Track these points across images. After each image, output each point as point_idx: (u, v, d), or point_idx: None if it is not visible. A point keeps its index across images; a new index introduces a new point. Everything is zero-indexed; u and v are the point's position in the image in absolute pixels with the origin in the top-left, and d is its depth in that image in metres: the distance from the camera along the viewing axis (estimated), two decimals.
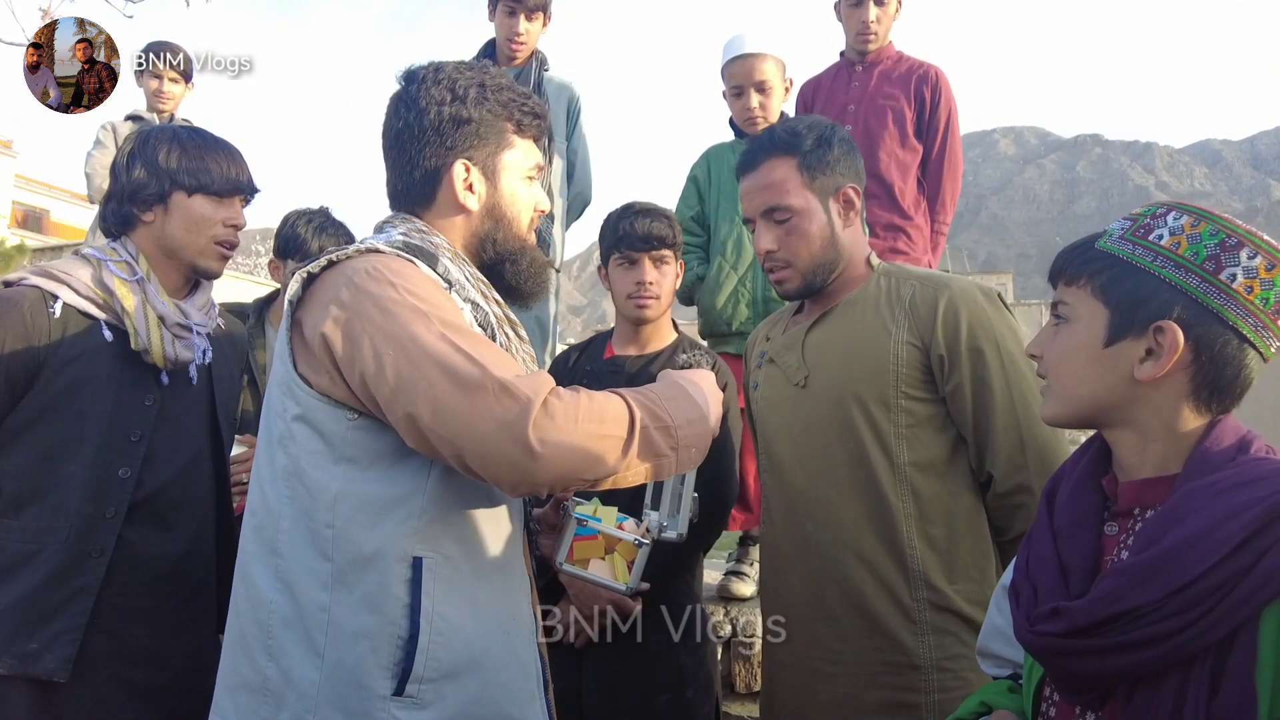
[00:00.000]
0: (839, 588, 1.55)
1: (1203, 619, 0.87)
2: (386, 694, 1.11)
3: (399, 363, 1.10)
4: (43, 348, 1.56)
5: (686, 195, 2.82)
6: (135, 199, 1.66)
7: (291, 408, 1.18)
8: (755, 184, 1.63)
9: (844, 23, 2.94)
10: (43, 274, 1.62)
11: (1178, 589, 0.88)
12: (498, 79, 1.33)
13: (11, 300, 1.58)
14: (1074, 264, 1.05)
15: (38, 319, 1.57)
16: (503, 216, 1.34)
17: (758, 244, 1.64)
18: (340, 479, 1.15)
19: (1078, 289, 1.04)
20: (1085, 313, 1.03)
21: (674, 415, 1.19)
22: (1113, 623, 0.92)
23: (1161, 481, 1.00)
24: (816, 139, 1.61)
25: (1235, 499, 0.90)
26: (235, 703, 1.17)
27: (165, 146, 1.65)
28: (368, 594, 1.13)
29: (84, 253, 1.69)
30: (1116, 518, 1.04)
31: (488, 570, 1.22)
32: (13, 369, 1.55)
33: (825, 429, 1.59)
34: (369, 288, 1.14)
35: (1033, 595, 1.03)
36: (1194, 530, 0.89)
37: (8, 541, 1.54)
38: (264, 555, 1.18)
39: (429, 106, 1.28)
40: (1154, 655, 0.90)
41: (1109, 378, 1.01)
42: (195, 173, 1.65)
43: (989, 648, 1.23)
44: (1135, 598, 0.90)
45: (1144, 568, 0.91)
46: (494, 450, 1.07)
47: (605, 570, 1.44)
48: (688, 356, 1.45)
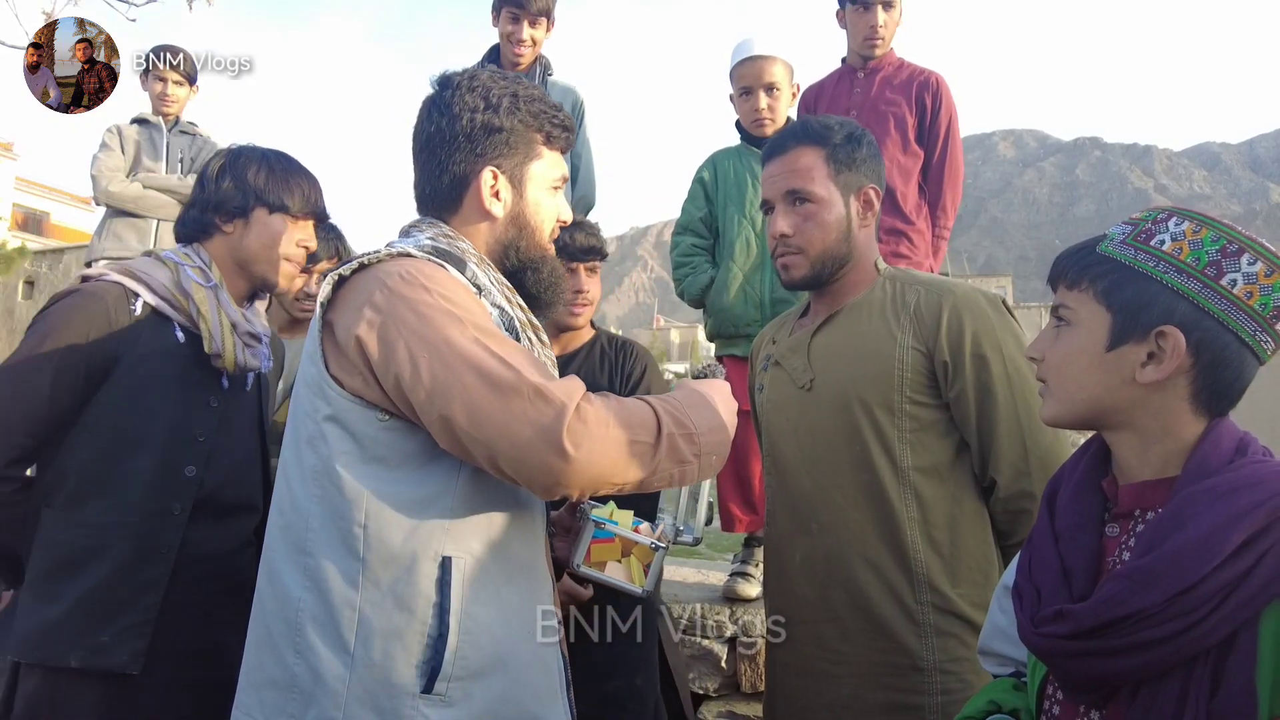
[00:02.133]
0: (844, 590, 1.56)
1: (1205, 621, 0.89)
2: (415, 692, 1.12)
3: (434, 366, 1.11)
4: (121, 343, 1.60)
5: (694, 197, 2.82)
6: (219, 209, 1.72)
7: (322, 408, 1.19)
8: (781, 168, 1.64)
9: (849, 28, 2.93)
10: (124, 272, 1.66)
11: (1180, 592, 0.90)
12: (530, 90, 1.34)
13: (96, 294, 1.62)
14: (1075, 268, 1.06)
15: (119, 315, 1.61)
16: (526, 225, 1.35)
17: (773, 226, 1.64)
18: (371, 479, 1.16)
19: (1079, 293, 1.05)
20: (1087, 316, 1.04)
21: (697, 422, 1.21)
22: (1116, 625, 0.93)
23: (1162, 484, 1.01)
24: (847, 135, 1.63)
25: (1235, 502, 0.91)
26: (261, 700, 1.18)
27: (255, 165, 1.73)
28: (398, 592, 1.14)
29: (161, 255, 1.73)
30: (1117, 519, 1.05)
31: (514, 570, 1.23)
32: (93, 361, 1.58)
33: (830, 432, 1.60)
34: (403, 291, 1.15)
35: (1036, 597, 1.04)
36: (1195, 534, 0.91)
37: (72, 536, 1.56)
38: (292, 554, 1.18)
39: (462, 113, 1.29)
40: (1157, 657, 0.91)
41: (1111, 381, 1.02)
42: (279, 192, 1.73)
43: (991, 647, 1.24)
44: (1138, 601, 0.91)
45: (1147, 571, 0.92)
46: (528, 454, 1.09)
47: (622, 573, 1.45)
48: (703, 366, 1.47)
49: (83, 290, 1.63)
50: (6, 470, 1.58)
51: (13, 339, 19.13)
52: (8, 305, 19.45)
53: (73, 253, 19.19)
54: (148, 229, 3.68)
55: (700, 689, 2.46)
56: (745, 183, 2.70)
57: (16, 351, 1.61)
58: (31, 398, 1.55)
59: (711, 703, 2.48)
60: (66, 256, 19.22)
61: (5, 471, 1.58)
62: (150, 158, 3.74)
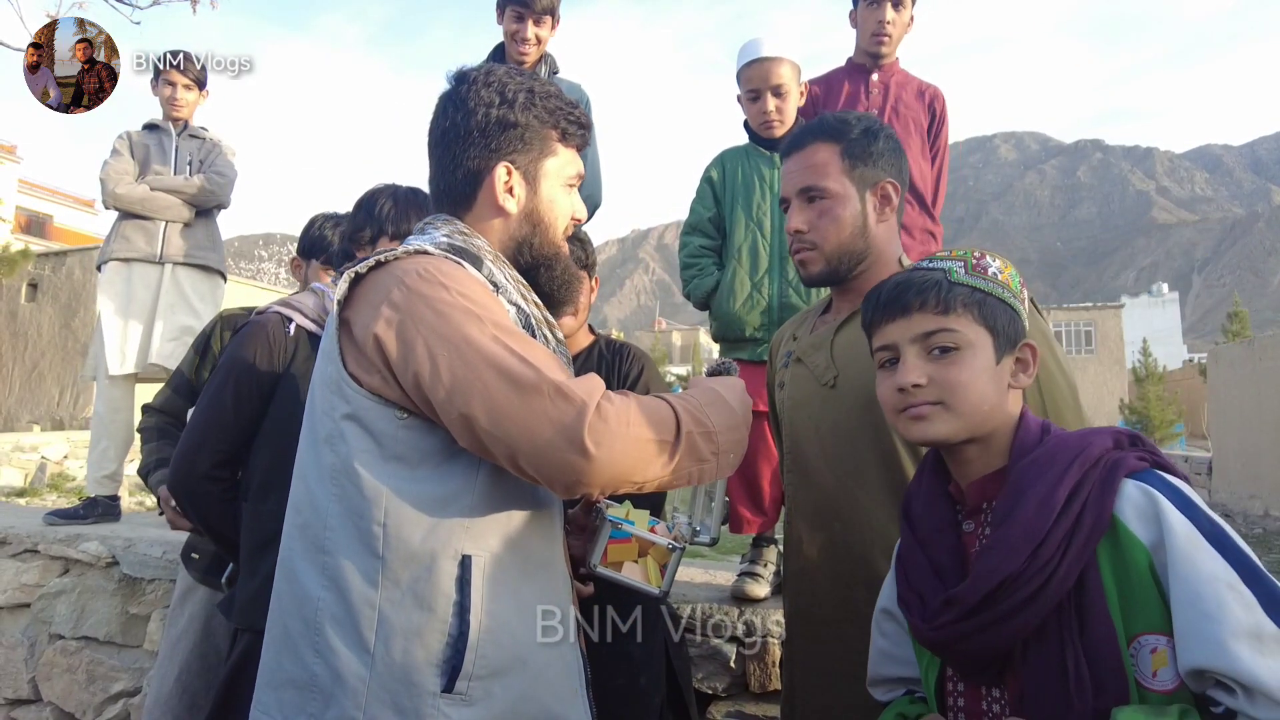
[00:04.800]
0: (867, 589, 1.53)
1: (1059, 569, 1.05)
2: (436, 691, 1.12)
3: (454, 364, 1.11)
4: (281, 360, 1.97)
5: (702, 197, 2.81)
6: (353, 239, 2.02)
7: (341, 406, 1.18)
8: (797, 164, 1.64)
9: (860, 25, 2.93)
10: (282, 304, 2.07)
11: (1033, 551, 1.06)
12: (546, 87, 1.34)
13: (260, 324, 2.00)
14: (944, 296, 1.19)
15: (278, 337, 1.98)
16: (540, 221, 1.34)
17: (789, 223, 1.64)
18: (390, 477, 1.15)
19: (957, 317, 1.19)
20: (975, 337, 1.18)
21: (715, 420, 1.21)
22: (996, 595, 1.07)
23: (997, 474, 1.18)
24: (863, 130, 1.63)
25: (1055, 467, 1.10)
26: (280, 699, 1.17)
27: (383, 199, 2.02)
28: (418, 591, 1.13)
29: (313, 287, 2.16)
30: (970, 516, 1.21)
31: (533, 569, 1.23)
32: (263, 378, 1.95)
33: (855, 430, 1.58)
34: (421, 289, 1.15)
35: (920, 601, 1.17)
36: (1034, 498, 1.08)
37: (261, 523, 1.88)
38: (310, 553, 1.18)
39: (477, 108, 1.29)
40: (1032, 614, 1.06)
41: (1000, 390, 1.19)
42: (397, 221, 1.99)
43: (880, 674, 1.34)
44: (1007, 566, 1.06)
45: (1005, 540, 1.08)
46: (549, 452, 1.09)
47: (638, 573, 1.44)
48: (717, 364, 1.46)
49: (251, 322, 2.02)
50: (213, 471, 1.94)
51: (15, 341, 19.14)
52: (11, 308, 19.47)
53: (75, 255, 19.21)
54: (155, 231, 3.69)
55: (708, 689, 2.46)
56: (753, 185, 2.69)
57: (212, 378, 2.02)
58: (220, 413, 1.93)
59: (720, 703, 2.48)
60: (69, 259, 19.23)
61: (212, 473, 1.94)
62: (158, 161, 3.76)
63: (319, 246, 2.45)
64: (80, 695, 3.14)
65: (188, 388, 2.57)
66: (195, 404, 2.06)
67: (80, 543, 3.28)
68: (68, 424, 17.40)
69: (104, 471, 3.62)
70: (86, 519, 3.52)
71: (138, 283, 3.67)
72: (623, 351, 2.12)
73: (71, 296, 18.56)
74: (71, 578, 3.30)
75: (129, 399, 3.69)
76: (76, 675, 3.17)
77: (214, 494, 1.95)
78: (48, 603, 3.30)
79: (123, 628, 3.17)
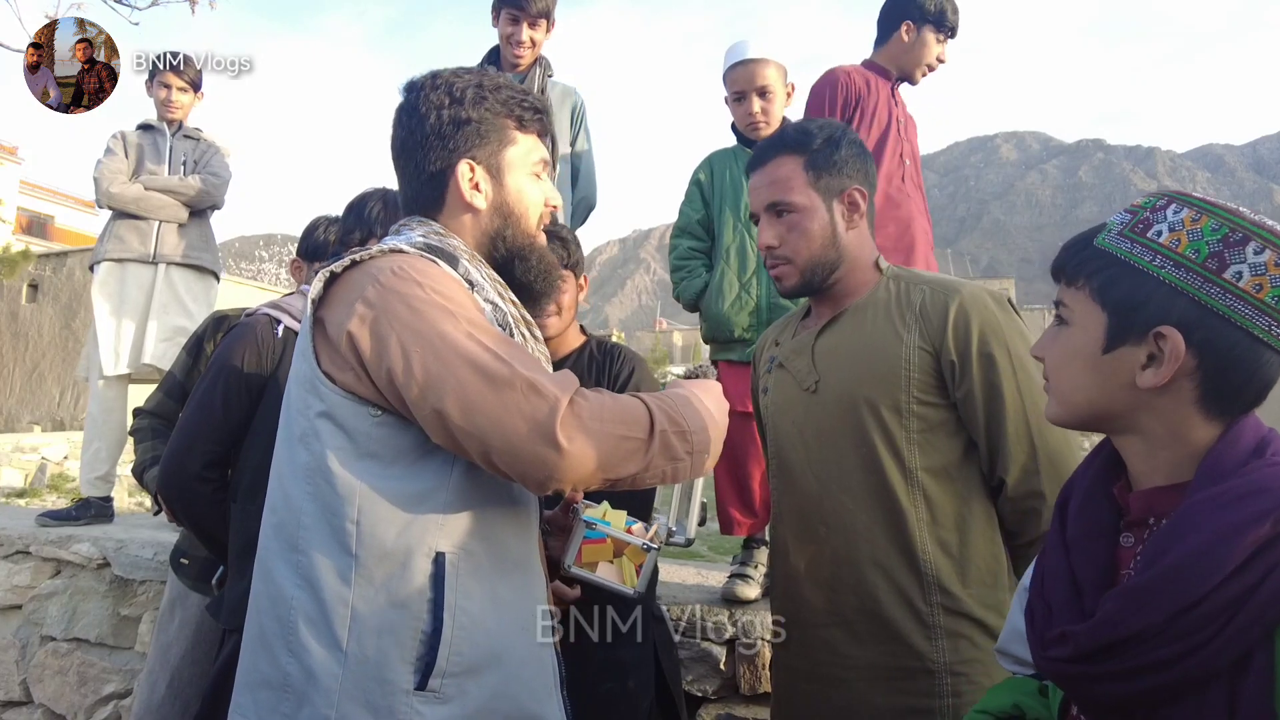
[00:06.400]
0: (853, 593, 1.54)
1: (1212, 641, 0.82)
2: (409, 688, 1.11)
3: (427, 360, 1.11)
4: (270, 362, 1.98)
5: (691, 199, 2.81)
6: (344, 241, 2.05)
7: (315, 404, 1.18)
8: (762, 180, 1.65)
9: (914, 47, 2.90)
10: (272, 306, 2.08)
11: (1181, 610, 0.83)
12: (495, 79, 1.34)
13: (249, 325, 2.02)
14: (1072, 263, 1.00)
15: (266, 338, 2.00)
16: (511, 213, 1.34)
17: (760, 239, 1.65)
18: (364, 474, 1.15)
19: (1076, 290, 0.99)
20: (1083, 316, 0.97)
21: (689, 420, 1.21)
22: (1116, 648, 0.87)
23: (1174, 490, 0.93)
24: (825, 139, 1.62)
25: (1240, 511, 0.83)
26: (255, 700, 1.17)
27: (373, 202, 2.05)
28: (391, 589, 1.13)
29: (302, 289, 2.17)
30: (1131, 528, 0.97)
31: (508, 566, 1.22)
32: (252, 379, 1.97)
33: (837, 434, 1.58)
34: (396, 286, 1.15)
35: (1046, 613, 0.98)
36: (1196, 547, 0.83)
37: (250, 522, 1.81)
38: (284, 552, 1.18)
39: (429, 112, 1.29)
40: (1163, 680, 0.85)
41: (1109, 384, 0.95)
42: (387, 224, 1.98)
43: (1009, 649, 1.17)
44: (1137, 621, 0.85)
45: (1145, 589, 0.85)
46: (522, 447, 1.09)
47: (613, 574, 1.44)
48: (695, 367, 1.46)
49: (240, 324, 2.04)
50: (203, 472, 1.95)
51: (16, 342, 19.17)
52: (12, 308, 19.49)
53: (76, 256, 19.23)
54: (149, 230, 3.69)
55: (699, 691, 2.45)
56: (740, 186, 2.69)
57: (201, 379, 2.03)
58: (210, 414, 1.95)
59: (710, 705, 2.47)
60: (70, 260, 19.25)
61: (202, 473, 1.95)
62: (153, 161, 3.76)
63: (321, 250, 2.45)
64: (72, 697, 3.14)
65: (180, 390, 2.56)
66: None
67: (72, 544, 3.28)
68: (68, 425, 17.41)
69: (97, 473, 3.61)
70: (79, 520, 3.52)
71: (131, 283, 3.67)
72: (613, 353, 2.11)
73: (72, 297, 18.58)
74: (63, 579, 3.30)
75: (122, 400, 3.68)
76: (68, 677, 3.17)
77: (204, 495, 1.96)
78: (39, 604, 3.30)
79: (114, 629, 3.17)
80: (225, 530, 1.98)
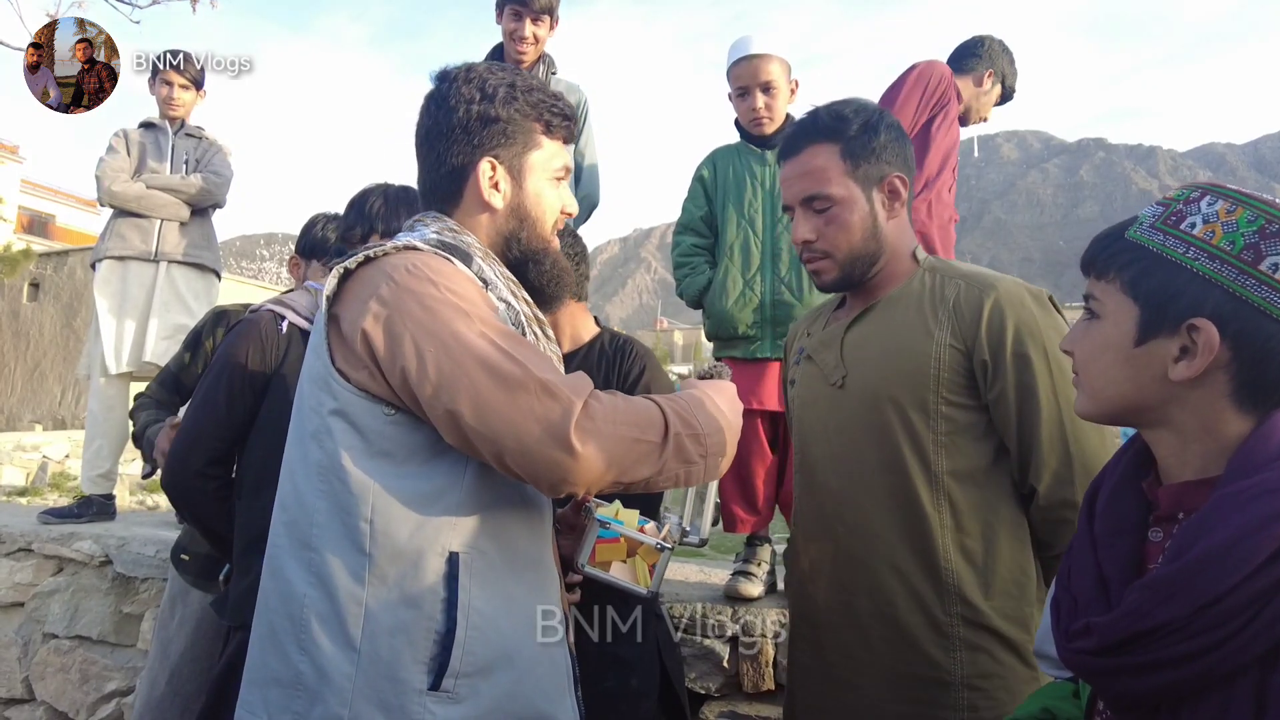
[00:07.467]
0: (868, 597, 1.49)
1: (1237, 635, 0.81)
2: (422, 688, 1.11)
3: (441, 360, 1.10)
4: (274, 358, 1.98)
5: (694, 195, 2.80)
6: (345, 237, 2.05)
7: (328, 402, 1.18)
8: (795, 171, 1.54)
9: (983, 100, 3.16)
10: (275, 302, 2.07)
11: (1206, 604, 0.82)
12: (529, 80, 1.33)
13: (252, 322, 2.01)
14: (1103, 256, 0.98)
15: (270, 335, 1.98)
16: (527, 216, 1.33)
17: (795, 233, 1.56)
18: (377, 473, 1.15)
19: (1106, 283, 0.97)
20: (1114, 309, 0.96)
21: (703, 423, 1.20)
22: (1139, 640, 0.86)
23: (1204, 484, 0.92)
24: (862, 125, 1.51)
25: (1269, 505, 0.82)
26: (265, 698, 1.16)
27: (374, 198, 2.04)
28: (404, 588, 1.13)
29: (307, 285, 2.16)
30: (1160, 523, 0.97)
31: (521, 566, 1.22)
32: (255, 376, 1.95)
33: (859, 432, 1.52)
34: (410, 285, 1.14)
35: (1072, 607, 0.97)
36: (1222, 540, 0.82)
37: (255, 519, 1.83)
38: (296, 550, 1.17)
39: (458, 105, 1.28)
40: (1188, 674, 0.84)
41: (1141, 378, 0.94)
42: (388, 219, 2.00)
43: (1045, 650, 1.13)
44: (1161, 614, 0.84)
45: (1169, 581, 0.85)
46: (535, 449, 1.08)
47: (627, 573, 1.43)
48: (709, 367, 1.45)
49: (244, 320, 2.03)
50: (207, 469, 1.95)
51: (18, 341, 19.17)
52: (13, 307, 19.50)
53: (78, 255, 19.23)
54: (150, 229, 3.68)
55: (701, 689, 2.45)
56: (744, 182, 2.68)
57: (205, 376, 2.02)
58: (213, 410, 1.94)
59: (713, 703, 2.47)
60: (71, 259, 19.26)
61: (206, 470, 1.95)
62: (155, 160, 3.76)
63: (319, 248, 2.44)
64: (73, 694, 3.14)
65: (174, 381, 2.58)
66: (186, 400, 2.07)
67: (74, 542, 3.28)
68: (69, 423, 17.42)
69: (98, 471, 3.61)
70: (81, 518, 3.52)
71: (133, 281, 3.66)
72: (625, 349, 2.09)
73: (74, 296, 18.59)
74: (65, 577, 3.29)
75: (124, 398, 3.68)
76: (70, 674, 3.17)
77: (208, 491, 1.96)
78: (41, 602, 3.29)
79: (116, 627, 3.17)
80: (230, 527, 1.98)
